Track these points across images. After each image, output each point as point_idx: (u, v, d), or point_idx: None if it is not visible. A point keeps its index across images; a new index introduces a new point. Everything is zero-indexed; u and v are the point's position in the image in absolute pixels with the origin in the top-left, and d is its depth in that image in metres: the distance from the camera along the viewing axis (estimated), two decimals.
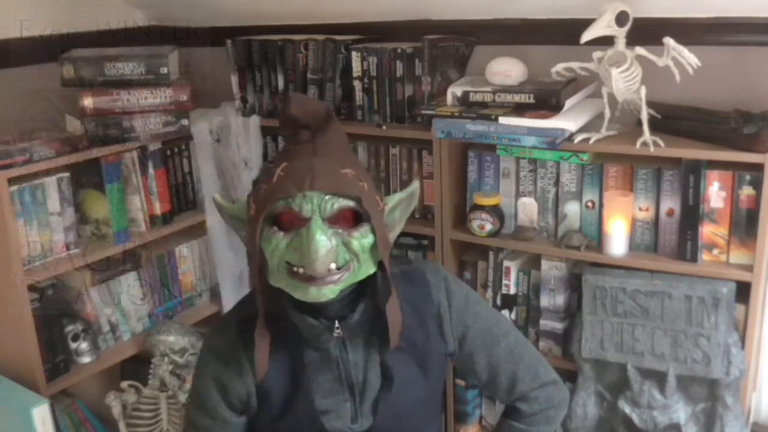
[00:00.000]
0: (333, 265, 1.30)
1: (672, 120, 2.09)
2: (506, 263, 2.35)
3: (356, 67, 2.48)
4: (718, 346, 1.98)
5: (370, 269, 1.37)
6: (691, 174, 2.00)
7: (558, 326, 2.30)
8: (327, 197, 1.28)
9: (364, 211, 1.32)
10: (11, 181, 2.14)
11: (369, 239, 1.33)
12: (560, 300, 2.29)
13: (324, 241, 1.26)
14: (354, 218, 1.33)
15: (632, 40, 1.96)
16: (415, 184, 1.47)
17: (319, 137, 1.33)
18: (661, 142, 1.98)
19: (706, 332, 1.99)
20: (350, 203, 1.31)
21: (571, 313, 2.30)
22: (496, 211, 2.29)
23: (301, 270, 1.29)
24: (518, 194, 2.31)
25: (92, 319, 2.48)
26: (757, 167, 1.90)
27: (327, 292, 1.30)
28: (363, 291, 1.41)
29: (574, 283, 2.28)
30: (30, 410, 2.12)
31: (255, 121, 2.74)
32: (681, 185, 2.03)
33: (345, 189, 1.30)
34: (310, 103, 1.37)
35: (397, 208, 1.46)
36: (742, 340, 2.01)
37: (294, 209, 1.28)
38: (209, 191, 2.68)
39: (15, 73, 2.52)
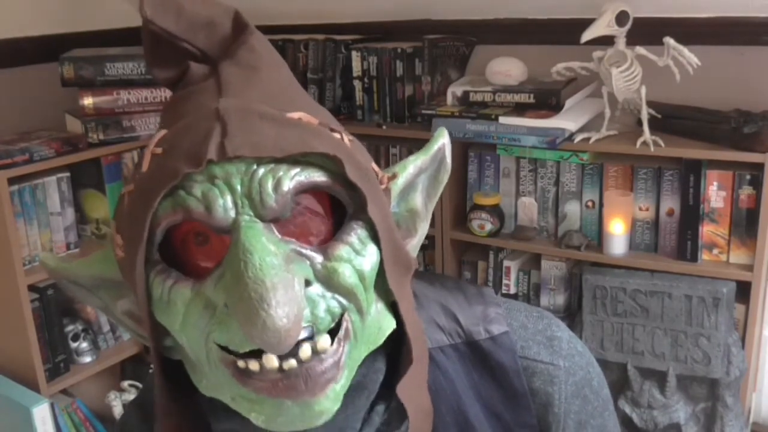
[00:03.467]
0: (323, 341, 0.63)
1: (672, 120, 2.09)
2: (506, 263, 2.35)
3: (356, 67, 2.48)
4: (718, 345, 1.98)
5: (385, 324, 0.70)
6: (691, 174, 2.00)
7: None
8: (262, 169, 0.62)
9: (351, 191, 0.66)
10: (11, 180, 2.14)
11: (369, 255, 0.66)
12: (560, 300, 2.28)
13: (275, 263, 0.59)
14: (329, 212, 0.67)
15: (632, 39, 1.96)
16: (442, 137, 0.77)
17: (227, 65, 0.69)
18: (661, 142, 1.98)
19: (706, 332, 1.99)
20: (316, 175, 0.64)
21: (571, 312, 2.29)
22: (496, 211, 2.29)
23: (253, 364, 0.62)
24: (518, 194, 2.31)
25: (92, 318, 2.48)
26: (757, 167, 1.90)
27: (325, 408, 0.63)
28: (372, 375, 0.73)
29: (574, 283, 2.28)
30: (30, 410, 2.12)
31: None
32: (681, 185, 2.03)
33: (300, 143, 0.63)
34: (198, 5, 0.71)
35: (415, 185, 0.76)
36: (743, 339, 2.01)
37: (195, 211, 0.61)
38: None
39: (15, 73, 2.52)
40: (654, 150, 1.98)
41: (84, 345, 2.42)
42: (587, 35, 1.92)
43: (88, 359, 2.44)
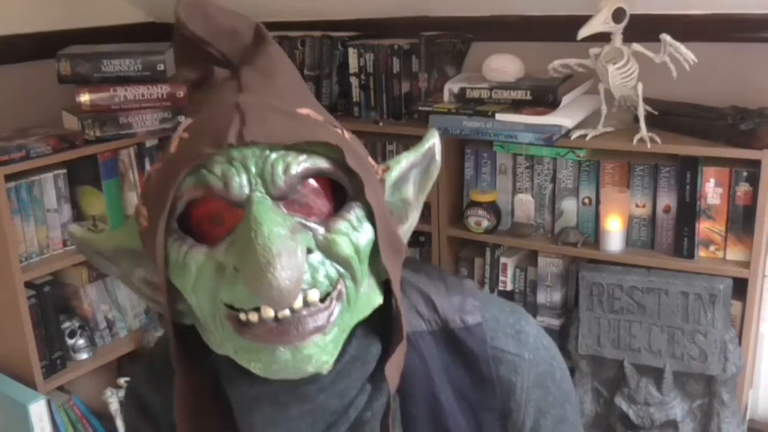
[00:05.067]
0: (312, 293, 0.71)
1: (669, 116, 2.09)
2: (503, 260, 2.35)
3: (353, 64, 2.47)
4: (714, 342, 1.98)
5: (374, 297, 0.79)
6: (688, 170, 2.00)
7: (555, 323, 2.30)
8: (274, 155, 0.71)
9: (351, 178, 0.75)
10: (8, 177, 2.14)
11: (365, 232, 0.75)
12: (557, 296, 2.29)
13: (282, 233, 0.67)
14: (330, 197, 0.76)
15: (629, 36, 1.96)
16: (433, 137, 0.87)
17: (247, 70, 0.78)
18: (657, 139, 1.98)
19: (702, 329, 1.99)
20: (321, 162, 0.73)
21: (568, 309, 2.30)
22: (492, 208, 2.29)
23: (253, 315, 0.71)
24: (515, 191, 2.31)
25: (89, 315, 2.48)
26: (754, 163, 1.91)
27: (313, 352, 0.71)
28: (364, 354, 0.81)
29: (570, 280, 2.28)
30: (27, 406, 2.12)
31: None
32: (678, 182, 2.03)
33: (307, 133, 0.73)
34: (225, 16, 0.80)
35: (407, 177, 0.85)
36: (739, 336, 2.01)
37: (215, 186, 0.70)
38: None
39: (12, 69, 2.52)
40: (651, 147, 1.98)
41: (80, 342, 2.42)
42: (584, 32, 1.92)
43: (84, 356, 2.43)
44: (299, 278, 0.67)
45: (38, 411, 2.14)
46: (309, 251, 0.71)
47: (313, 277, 0.71)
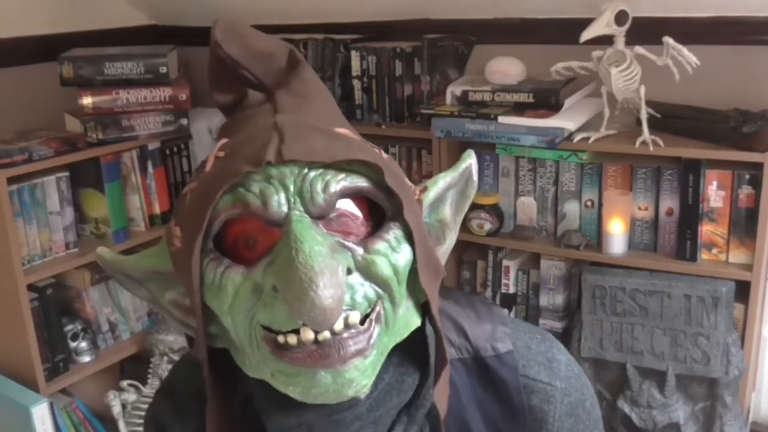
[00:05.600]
0: (353, 315, 0.70)
1: (671, 119, 2.09)
2: (505, 262, 2.35)
3: (355, 67, 2.48)
4: (717, 345, 1.98)
5: (412, 320, 0.78)
6: (691, 173, 1.99)
7: (557, 325, 2.30)
8: (313, 173, 0.70)
9: (389, 198, 0.74)
10: (11, 180, 2.15)
11: (404, 252, 0.73)
12: (559, 299, 2.28)
13: (323, 252, 0.66)
14: (368, 217, 0.75)
15: (631, 39, 1.96)
16: (470, 158, 0.86)
17: (282, 93, 0.78)
18: (660, 142, 1.98)
19: (705, 331, 1.99)
20: (359, 181, 0.72)
21: (571, 312, 2.29)
22: (495, 211, 2.29)
23: (292, 338, 0.69)
24: (517, 193, 2.31)
25: (92, 318, 2.48)
26: (757, 166, 1.90)
27: (354, 376, 0.69)
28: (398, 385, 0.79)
29: (573, 283, 2.28)
30: (29, 409, 2.12)
31: None
32: (680, 184, 2.03)
33: (346, 152, 0.72)
34: (260, 40, 0.80)
35: (444, 198, 0.84)
36: (742, 339, 2.01)
37: (253, 204, 0.69)
38: None
39: (14, 72, 2.52)
40: (653, 149, 1.98)
41: (83, 344, 2.42)
42: (586, 35, 1.91)
43: (87, 359, 2.44)
44: (341, 298, 0.65)
45: (41, 414, 2.14)
46: (348, 272, 0.69)
47: (352, 299, 0.69)
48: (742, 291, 1.98)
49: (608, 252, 2.13)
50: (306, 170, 0.70)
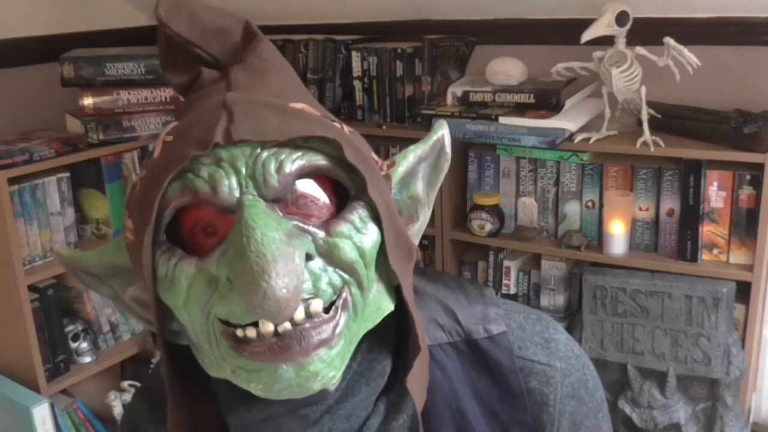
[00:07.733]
0: (315, 303, 0.65)
1: (672, 120, 2.09)
2: (506, 263, 2.35)
3: (356, 67, 2.48)
4: (718, 345, 1.98)
5: (384, 304, 0.73)
6: (691, 174, 2.00)
7: None
8: (266, 153, 0.65)
9: (352, 176, 0.69)
10: (11, 180, 2.14)
11: (370, 233, 0.69)
12: (560, 300, 2.28)
13: (277, 238, 0.61)
14: (332, 198, 0.70)
15: (632, 39, 1.96)
16: (441, 128, 0.80)
17: (237, 69, 0.73)
18: (661, 142, 1.98)
19: (706, 332, 1.99)
20: (317, 159, 0.67)
21: (571, 312, 2.30)
22: (496, 211, 2.29)
23: (251, 331, 0.65)
24: (518, 194, 2.31)
25: (92, 318, 2.48)
26: (757, 167, 1.91)
27: (319, 368, 0.65)
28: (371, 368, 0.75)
29: (574, 283, 2.28)
30: (30, 410, 2.12)
31: None
32: (681, 185, 2.03)
33: (301, 128, 0.67)
34: (211, 14, 0.74)
35: (415, 173, 0.79)
36: (743, 339, 2.01)
37: (202, 191, 0.65)
38: None
39: (15, 73, 2.52)
40: (654, 150, 1.98)
41: (84, 345, 2.42)
42: (587, 35, 1.92)
43: (88, 359, 2.43)
44: (298, 286, 0.61)
45: (41, 414, 2.14)
46: (309, 257, 0.65)
47: (314, 286, 0.65)
48: (743, 291, 1.98)
49: (609, 252, 2.13)
50: (258, 150, 0.65)
